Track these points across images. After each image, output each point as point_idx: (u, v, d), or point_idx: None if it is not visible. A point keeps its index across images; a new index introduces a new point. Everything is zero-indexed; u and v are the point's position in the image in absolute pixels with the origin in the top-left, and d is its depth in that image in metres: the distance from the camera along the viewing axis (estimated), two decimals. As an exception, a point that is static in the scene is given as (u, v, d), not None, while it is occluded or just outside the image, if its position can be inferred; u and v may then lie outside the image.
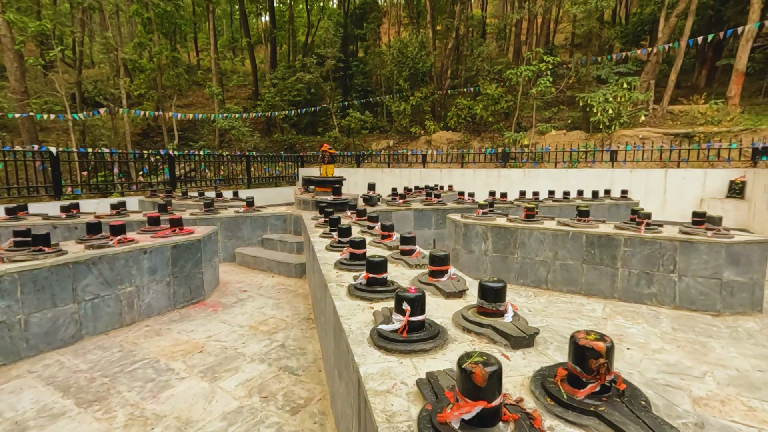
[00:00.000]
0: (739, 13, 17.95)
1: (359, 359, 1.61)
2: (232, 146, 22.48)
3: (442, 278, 2.54)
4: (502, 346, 1.73)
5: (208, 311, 4.31)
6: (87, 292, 3.59)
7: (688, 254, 4.15)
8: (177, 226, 4.49)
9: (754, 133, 11.13)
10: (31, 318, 3.24)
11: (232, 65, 33.13)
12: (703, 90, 17.88)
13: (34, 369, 3.09)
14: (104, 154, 10.36)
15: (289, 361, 3.20)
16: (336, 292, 2.44)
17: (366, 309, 2.18)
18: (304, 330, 3.81)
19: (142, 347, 3.45)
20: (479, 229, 5.29)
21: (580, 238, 4.67)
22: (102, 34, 15.36)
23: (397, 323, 1.74)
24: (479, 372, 1.09)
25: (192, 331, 3.78)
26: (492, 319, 1.90)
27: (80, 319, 3.55)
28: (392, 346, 1.66)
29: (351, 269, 2.90)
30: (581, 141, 14.05)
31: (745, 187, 9.06)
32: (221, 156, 13.85)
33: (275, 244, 6.18)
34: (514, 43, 22.24)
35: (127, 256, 3.86)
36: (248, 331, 3.78)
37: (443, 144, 17.06)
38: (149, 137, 23.46)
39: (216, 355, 3.28)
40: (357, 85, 24.65)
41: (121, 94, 14.75)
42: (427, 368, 1.53)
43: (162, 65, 18.70)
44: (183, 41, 30.49)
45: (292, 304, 4.52)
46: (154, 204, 9.17)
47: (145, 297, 4.03)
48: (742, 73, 13.66)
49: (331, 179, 6.76)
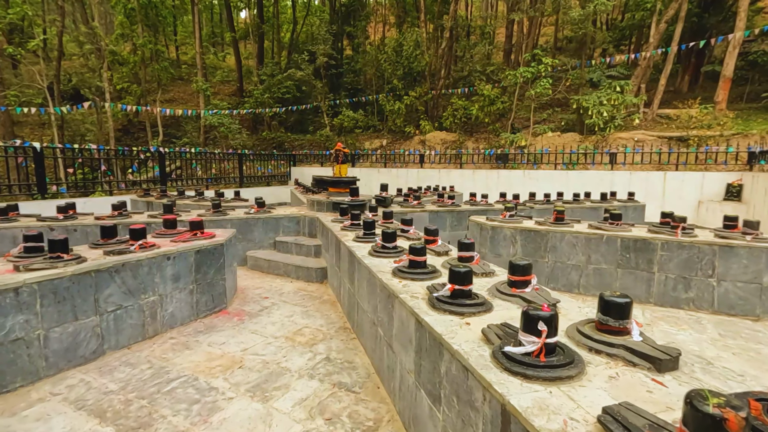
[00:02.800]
0: (721, 21, 18.57)
1: (501, 388, 1.42)
2: (217, 143, 21.82)
3: (526, 289, 2.37)
4: (644, 369, 1.57)
5: (233, 320, 4.03)
6: (109, 303, 3.26)
7: (727, 258, 4.12)
8: (198, 229, 4.18)
9: (745, 137, 11.46)
10: (51, 333, 2.91)
11: (216, 60, 32.23)
12: (686, 94, 18.42)
13: (58, 390, 2.77)
14: (92, 150, 9.78)
15: (340, 376, 2.98)
16: (417, 306, 2.24)
17: (462, 325, 1.99)
18: (345, 341, 3.58)
19: (173, 363, 3.16)
20: (507, 232, 5.16)
21: (615, 242, 4.59)
22: (89, 23, 14.55)
23: (530, 345, 1.56)
24: (734, 420, 0.91)
25: (223, 343, 3.50)
26: (619, 337, 1.74)
27: (102, 333, 3.22)
28: (533, 373, 1.47)
29: (416, 278, 2.70)
30: (576, 143, 14.20)
31: (742, 190, 9.28)
32: (213, 154, 13.36)
33: (290, 248, 5.90)
34: (505, 45, 22.39)
35: (151, 262, 3.55)
36: (285, 342, 3.53)
37: (438, 144, 16.97)
38: (130, 133, 22.54)
39: (259, 371, 3.03)
40: (346, 84, 24.32)
41: (106, 87, 14.02)
42: (582, 398, 1.36)
43: (145, 58, 17.95)
44: (164, 34, 29.48)
45: (321, 312, 4.28)
46: (148, 204, 8.72)
47: (168, 306, 3.72)
48: (729, 79, 14.08)
49: (346, 179, 6.52)
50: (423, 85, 18.11)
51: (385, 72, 18.63)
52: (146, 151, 10.97)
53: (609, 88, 13.75)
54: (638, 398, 1.36)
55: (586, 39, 14.11)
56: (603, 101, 13.21)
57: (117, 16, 22.26)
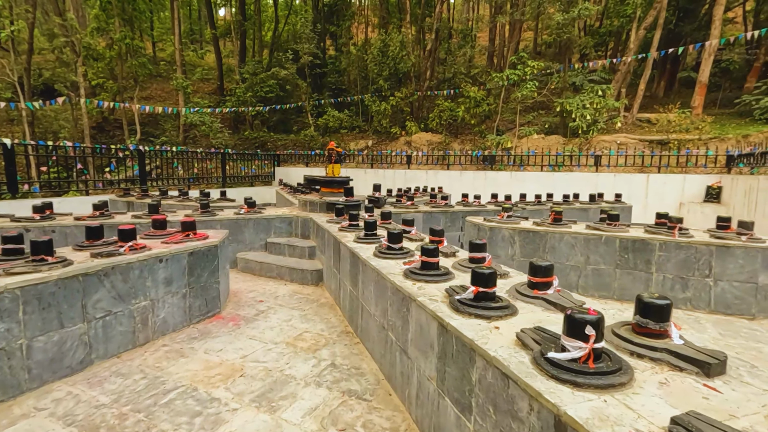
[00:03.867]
0: (695, 29, 19.25)
1: (552, 397, 1.33)
2: (198, 142, 21.28)
3: (548, 290, 2.31)
4: (692, 374, 1.51)
5: (228, 326, 3.84)
6: (98, 309, 3.04)
7: (724, 259, 4.18)
8: (191, 230, 3.97)
9: (722, 141, 11.86)
10: (34, 342, 2.68)
11: (195, 57, 31.47)
12: (662, 99, 19.00)
13: (43, 405, 2.55)
14: (66, 148, 9.32)
15: (349, 383, 2.85)
16: (439, 309, 2.14)
17: (492, 330, 1.89)
18: (349, 345, 3.45)
19: (168, 372, 2.96)
20: (506, 233, 5.13)
21: (614, 243, 4.61)
22: (63, 15, 13.89)
23: (577, 351, 1.48)
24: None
25: (221, 350, 3.32)
26: (660, 341, 1.68)
27: (90, 341, 3.00)
28: (583, 380, 1.39)
29: (430, 280, 2.60)
30: (560, 145, 14.42)
31: (721, 192, 9.57)
32: (195, 153, 12.96)
33: (283, 249, 5.72)
34: (489, 48, 22.63)
35: (142, 265, 3.34)
36: (286, 348, 3.37)
37: (423, 145, 16.97)
38: (105, 131, 21.73)
39: (262, 380, 2.87)
40: (330, 84, 24.10)
41: (81, 82, 13.42)
42: (641, 407, 1.29)
43: (122, 53, 17.31)
44: (140, 30, 28.61)
45: (320, 316, 4.13)
46: (128, 204, 8.37)
47: (160, 312, 3.51)
48: (705, 85, 14.58)
49: (340, 179, 6.37)
50: (408, 86, 18.10)
51: (370, 72, 18.53)
52: (125, 149, 10.53)
53: (591, 92, 14.04)
54: (697, 406, 1.30)
55: (569, 43, 14.36)
56: (586, 105, 13.46)
57: (92, 9, 21.45)
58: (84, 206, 8.52)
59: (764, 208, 7.32)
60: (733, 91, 17.93)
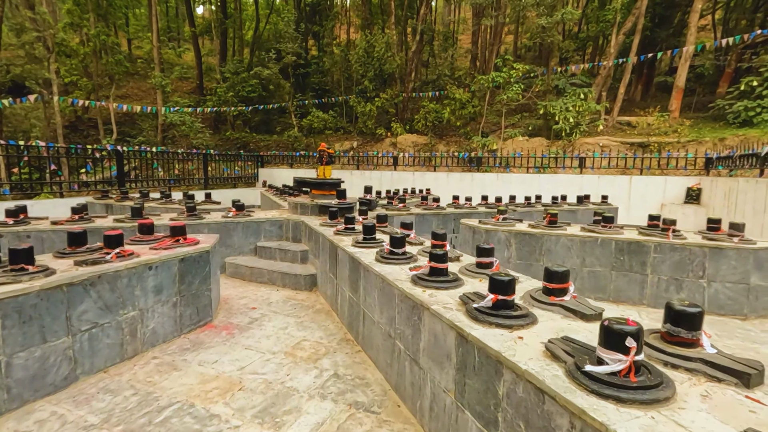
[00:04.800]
0: (671, 35, 19.86)
1: (598, 415, 1.26)
2: (177, 143, 20.71)
3: (564, 297, 2.25)
4: (731, 385, 1.47)
5: (222, 335, 3.67)
6: (83, 321, 2.84)
7: (717, 260, 4.25)
8: (180, 235, 3.78)
9: (699, 144, 12.22)
10: (14, 359, 2.47)
11: (174, 55, 30.69)
12: (639, 103, 19.54)
13: (25, 427, 2.35)
14: (40, 148, 8.87)
15: (354, 394, 2.74)
16: (457, 318, 2.05)
17: (516, 340, 1.82)
18: (350, 354, 3.33)
19: (161, 387, 2.79)
20: (502, 235, 5.10)
21: (609, 245, 4.64)
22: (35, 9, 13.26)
23: (617, 364, 1.41)
24: None
25: (216, 362, 3.16)
26: (692, 350, 1.64)
27: (74, 356, 2.80)
28: (627, 395, 1.32)
29: (441, 287, 2.52)
30: (543, 147, 14.62)
31: (701, 194, 9.84)
32: (176, 153, 12.57)
33: (274, 253, 5.55)
34: (472, 50, 22.81)
35: (130, 273, 3.14)
36: (285, 358, 3.23)
37: (409, 146, 16.95)
38: (79, 130, 20.92)
39: (263, 393, 2.73)
40: (313, 84, 23.86)
41: (54, 79, 12.83)
42: (691, 424, 1.23)
43: (98, 50, 16.67)
44: (115, 27, 27.72)
45: (317, 323, 4.00)
46: (107, 206, 8.02)
47: (149, 322, 3.32)
48: (682, 90, 15.02)
49: (331, 181, 6.24)
50: (393, 88, 18.05)
51: (355, 73, 18.40)
52: (102, 149, 10.11)
53: (574, 95, 14.28)
54: (747, 420, 1.25)
55: (552, 47, 14.57)
56: (569, 107, 13.68)
57: (63, 3, 20.61)
58: (58, 209, 8.12)
59: (744, 209, 7.54)
60: (705, 96, 18.56)
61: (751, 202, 7.37)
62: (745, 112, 13.79)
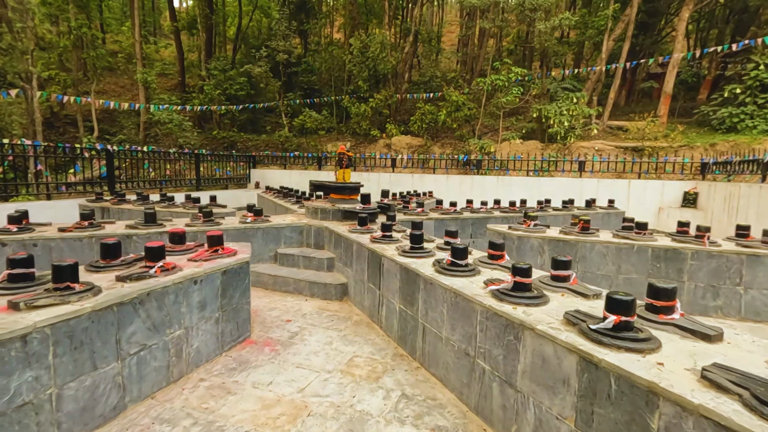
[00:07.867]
0: (654, 42, 20.48)
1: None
2: (159, 141, 19.96)
3: (674, 315, 2.16)
4: None
5: (265, 351, 3.44)
6: (132, 344, 2.58)
7: (754, 267, 4.29)
8: (219, 245, 3.53)
9: (691, 149, 12.58)
10: (64, 391, 2.20)
11: (153, 51, 29.66)
12: (624, 108, 20.05)
13: (82, 469, 2.08)
14: (25, 146, 8.30)
15: (433, 418, 2.57)
16: (574, 340, 1.92)
17: (655, 365, 1.70)
18: (410, 371, 3.17)
19: (222, 415, 2.55)
20: (534, 242, 5.03)
21: (646, 252, 4.63)
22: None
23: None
24: None
25: (270, 383, 2.94)
26: None
27: (123, 382, 2.54)
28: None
29: (531, 303, 2.39)
30: (538, 150, 14.77)
31: (698, 198, 10.10)
32: (168, 153, 12.06)
33: (296, 261, 5.31)
34: (461, 52, 22.91)
35: (177, 289, 2.89)
36: (343, 378, 3.04)
37: (404, 148, 16.84)
38: (55, 127, 19.89)
39: (335, 419, 2.53)
40: (302, 83, 23.45)
41: (34, 72, 12.08)
42: None
43: (77, 43, 15.85)
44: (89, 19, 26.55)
45: (362, 336, 3.81)
46: (102, 210, 7.57)
47: (194, 341, 3.06)
48: (669, 96, 15.46)
49: (351, 185, 6.03)
50: (387, 88, 17.91)
51: (347, 73, 18.16)
52: (91, 148, 9.56)
53: (566, 99, 14.48)
54: None
55: (548, 51, 14.75)
56: (563, 111, 13.86)
57: (38, -6, 19.50)
58: (45, 212, 7.61)
59: (747, 214, 7.74)
60: (687, 102, 19.23)
61: (755, 207, 7.58)
62: (730, 119, 14.30)
